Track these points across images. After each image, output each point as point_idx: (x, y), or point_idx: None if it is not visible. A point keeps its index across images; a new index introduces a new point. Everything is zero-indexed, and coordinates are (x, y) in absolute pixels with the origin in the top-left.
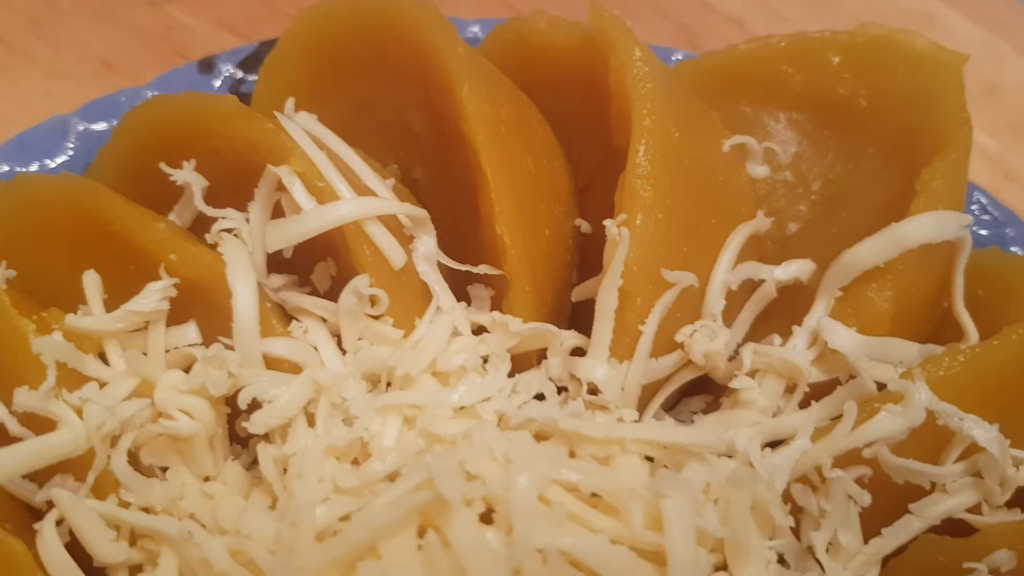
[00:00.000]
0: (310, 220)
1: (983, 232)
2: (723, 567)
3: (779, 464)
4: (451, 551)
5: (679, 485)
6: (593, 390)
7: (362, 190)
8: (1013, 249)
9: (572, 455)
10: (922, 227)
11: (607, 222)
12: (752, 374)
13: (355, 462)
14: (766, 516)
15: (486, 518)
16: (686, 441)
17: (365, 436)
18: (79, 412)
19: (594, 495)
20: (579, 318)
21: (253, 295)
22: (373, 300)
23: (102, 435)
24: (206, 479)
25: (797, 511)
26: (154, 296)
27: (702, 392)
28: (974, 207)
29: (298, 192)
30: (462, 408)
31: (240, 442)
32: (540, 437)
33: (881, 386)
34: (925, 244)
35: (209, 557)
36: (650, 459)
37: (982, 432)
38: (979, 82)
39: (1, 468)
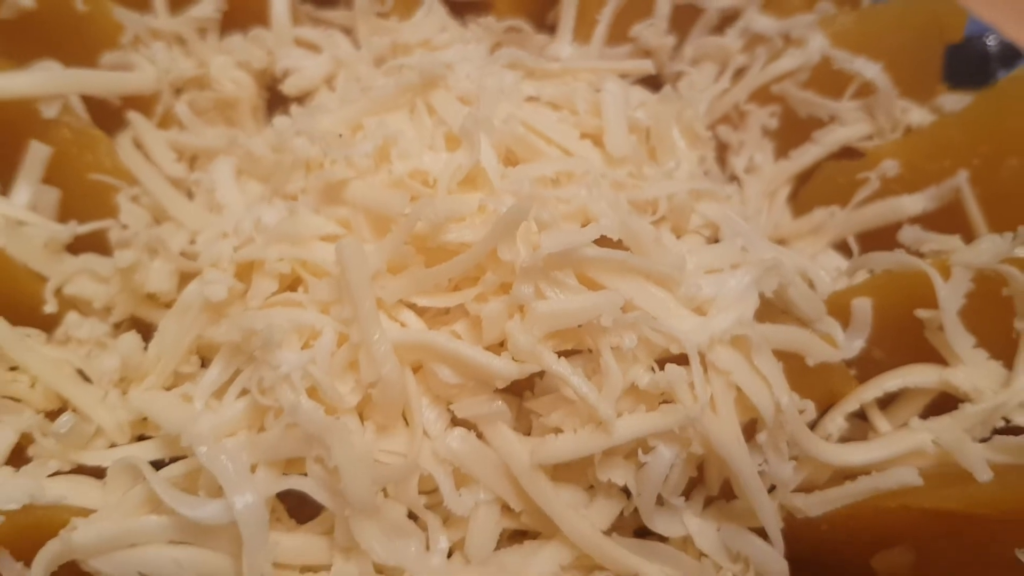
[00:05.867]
0: None
1: None
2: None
3: (702, 95)
4: (436, 114)
5: (616, 82)
6: None
7: None
8: None
9: None
10: None
11: None
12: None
13: None
14: (691, 131)
15: None
16: (629, 67)
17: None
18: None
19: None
20: None
21: None
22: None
23: (169, 79)
24: None
25: (722, 150)
26: (209, 6)
27: None
28: None
29: None
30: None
31: None
32: None
33: None
34: None
35: (252, 150)
36: None
37: (871, 69)
38: None
39: (91, 86)
